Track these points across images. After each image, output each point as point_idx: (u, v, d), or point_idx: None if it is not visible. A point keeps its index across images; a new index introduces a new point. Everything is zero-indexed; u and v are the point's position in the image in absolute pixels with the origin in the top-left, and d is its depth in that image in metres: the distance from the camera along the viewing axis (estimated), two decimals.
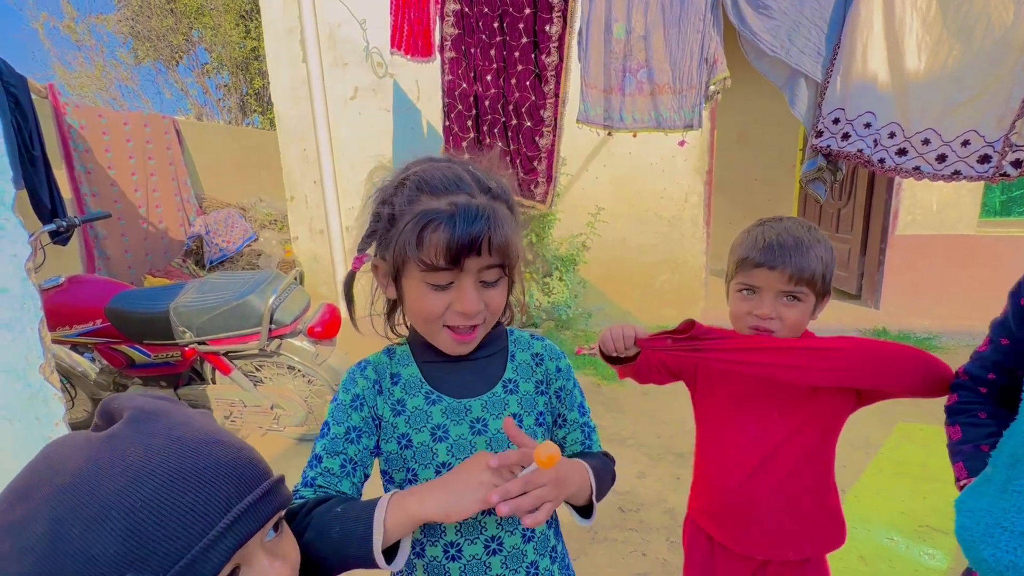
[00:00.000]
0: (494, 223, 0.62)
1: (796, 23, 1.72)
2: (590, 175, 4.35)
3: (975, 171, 1.47)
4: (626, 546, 1.86)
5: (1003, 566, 0.61)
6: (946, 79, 1.50)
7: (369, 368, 0.73)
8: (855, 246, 4.47)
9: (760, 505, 0.97)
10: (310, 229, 5.05)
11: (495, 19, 2.64)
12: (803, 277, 0.90)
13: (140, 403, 0.44)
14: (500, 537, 0.69)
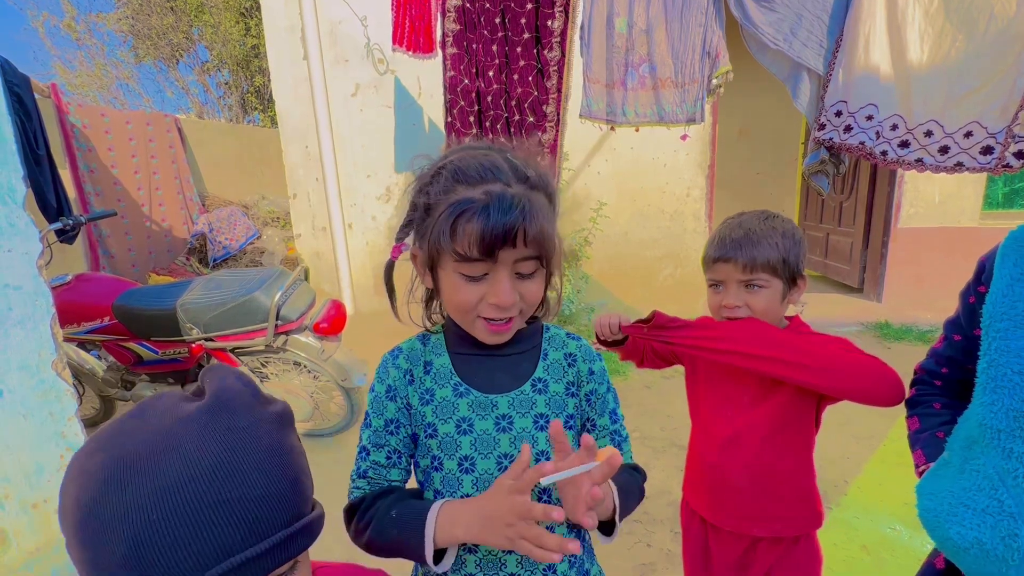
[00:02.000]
0: (530, 213, 0.61)
1: (798, 16, 1.73)
2: (592, 170, 4.36)
3: (978, 162, 1.48)
4: (631, 537, 1.88)
5: (968, 543, 0.63)
6: (949, 71, 1.50)
7: (401, 357, 0.73)
8: (857, 239, 4.47)
9: (732, 480, 1.03)
10: (313, 227, 5.06)
11: (497, 14, 2.64)
12: (757, 265, 0.97)
13: (223, 389, 0.45)
14: (519, 574, 0.69)
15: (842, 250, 4.72)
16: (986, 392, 0.66)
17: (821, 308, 4.33)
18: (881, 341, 3.80)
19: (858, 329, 3.99)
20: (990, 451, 0.64)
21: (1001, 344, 0.65)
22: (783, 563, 1.05)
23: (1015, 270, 0.66)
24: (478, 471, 0.68)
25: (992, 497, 0.63)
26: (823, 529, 1.93)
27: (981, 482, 0.64)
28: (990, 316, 0.67)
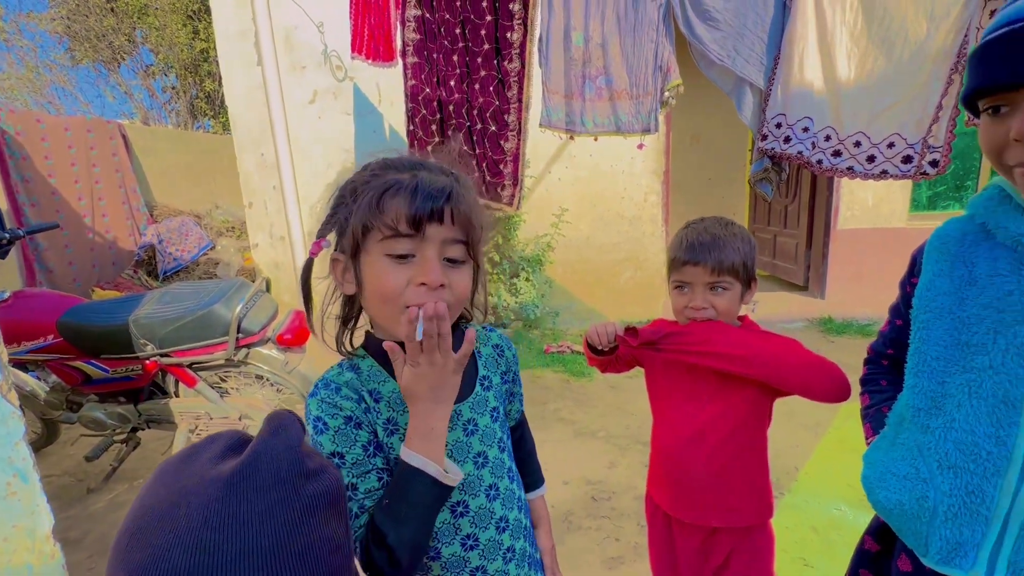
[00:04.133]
0: (457, 195, 0.63)
1: (740, 34, 1.85)
2: (553, 177, 4.45)
3: (899, 170, 1.63)
4: (600, 533, 1.94)
5: (892, 504, 0.72)
6: (872, 87, 1.65)
7: (344, 389, 0.67)
8: (801, 240, 4.75)
9: (692, 474, 1.09)
10: (270, 236, 4.93)
11: (456, 25, 2.68)
12: (724, 268, 1.03)
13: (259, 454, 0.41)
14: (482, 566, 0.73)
15: (788, 251, 5.00)
16: (910, 376, 0.75)
17: (771, 306, 4.57)
18: (825, 336, 4.06)
19: (804, 325, 4.24)
20: (912, 427, 0.73)
21: (923, 333, 0.74)
22: (740, 549, 1.12)
23: (936, 267, 0.75)
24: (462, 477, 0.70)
25: (912, 465, 0.72)
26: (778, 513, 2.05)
27: (904, 453, 0.73)
28: (916, 308, 0.76)
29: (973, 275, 0.70)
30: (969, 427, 0.66)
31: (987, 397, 0.65)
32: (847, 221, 4.29)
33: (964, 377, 0.68)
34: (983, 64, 0.62)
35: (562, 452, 2.54)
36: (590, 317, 4.50)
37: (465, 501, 0.71)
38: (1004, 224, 0.67)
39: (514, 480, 0.77)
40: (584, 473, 2.34)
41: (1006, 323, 0.65)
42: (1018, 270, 0.65)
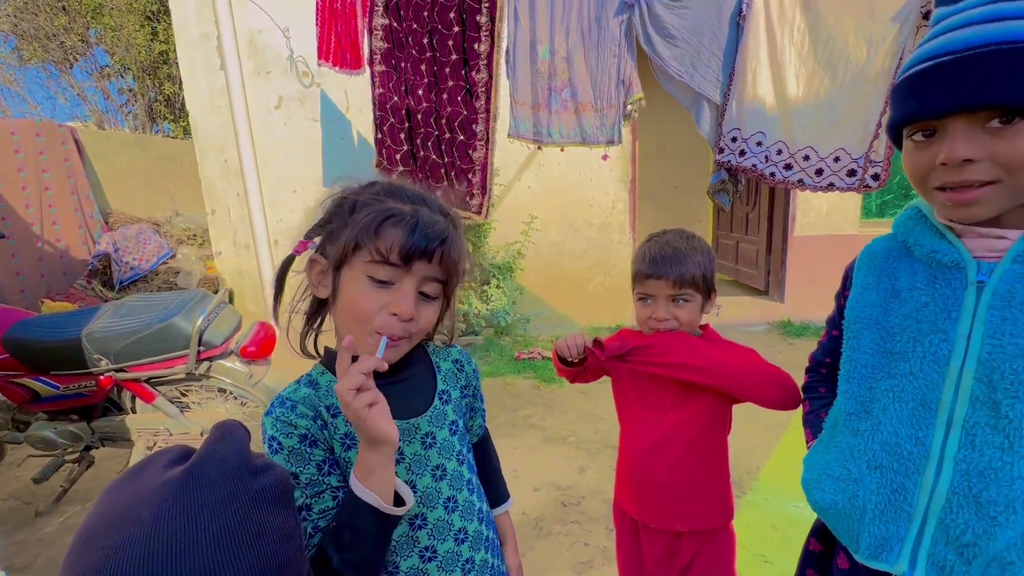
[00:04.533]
0: (450, 239, 0.67)
1: (697, 52, 1.93)
2: (523, 185, 4.50)
3: (845, 183, 1.73)
4: (569, 538, 1.97)
5: (828, 504, 0.77)
6: (819, 104, 1.75)
7: (300, 406, 0.68)
8: (762, 247, 4.93)
9: (657, 480, 1.12)
10: (234, 244, 4.80)
11: (424, 35, 2.69)
12: (685, 281, 1.07)
13: (204, 457, 0.43)
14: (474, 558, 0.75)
15: (749, 257, 5.19)
16: (843, 382, 0.80)
17: (735, 311, 4.72)
18: (785, 338, 4.22)
19: (765, 328, 4.39)
20: (845, 430, 0.78)
21: (853, 342, 0.79)
22: (704, 550, 1.16)
23: (864, 280, 0.80)
24: (419, 490, 0.72)
25: (844, 467, 0.76)
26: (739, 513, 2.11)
27: (838, 455, 0.78)
28: (847, 319, 0.81)
29: (896, 288, 0.75)
30: (893, 429, 0.71)
31: (908, 401, 0.71)
32: (803, 228, 4.49)
33: (889, 383, 0.73)
34: (913, 95, 0.67)
35: (532, 458, 2.56)
36: (561, 323, 4.56)
37: (423, 514, 0.72)
38: (921, 242, 0.73)
39: (474, 492, 0.79)
40: (554, 479, 2.37)
41: (924, 332, 0.70)
42: (932, 283, 0.71)
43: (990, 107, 0.60)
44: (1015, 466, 0.63)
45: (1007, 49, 0.59)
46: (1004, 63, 0.59)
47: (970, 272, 0.68)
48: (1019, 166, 0.61)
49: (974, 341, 0.66)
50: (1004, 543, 0.63)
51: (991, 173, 0.62)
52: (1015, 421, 0.63)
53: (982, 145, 0.61)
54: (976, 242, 0.68)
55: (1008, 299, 0.64)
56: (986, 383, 0.65)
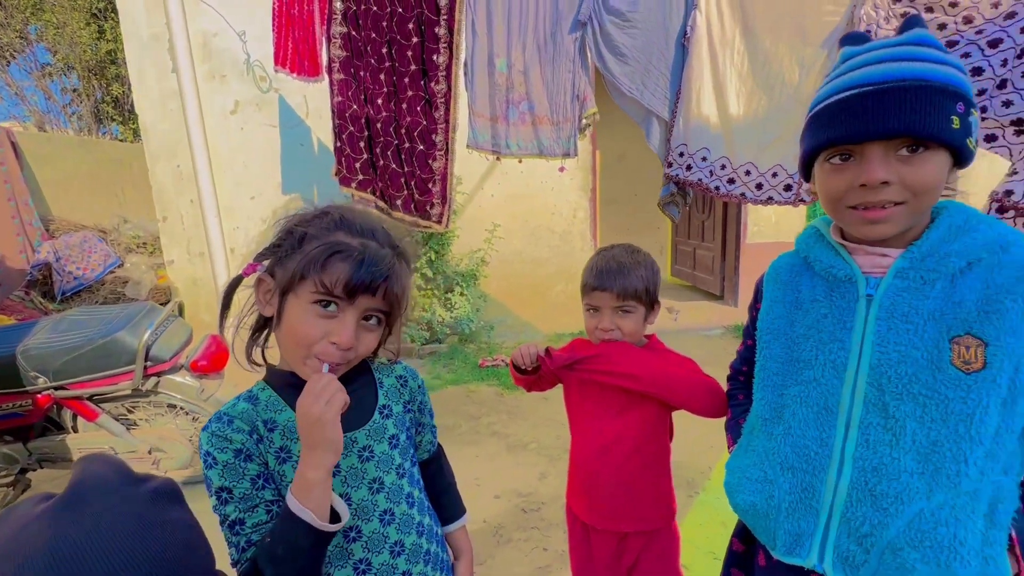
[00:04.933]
0: (394, 274, 0.69)
1: (647, 70, 2.01)
2: (485, 193, 4.53)
3: (782, 197, 1.84)
4: (529, 544, 2.00)
5: (747, 505, 0.83)
6: (758, 123, 1.86)
7: (237, 421, 0.69)
8: (717, 253, 5.13)
9: (603, 484, 1.18)
10: (188, 252, 4.64)
11: (383, 45, 2.70)
12: (628, 293, 1.12)
13: (82, 480, 0.43)
14: (402, 540, 0.77)
15: (706, 263, 5.38)
16: (757, 389, 0.86)
17: (692, 315, 4.89)
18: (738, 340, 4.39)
19: (721, 332, 4.56)
20: (760, 435, 0.84)
21: (766, 351, 0.85)
22: (649, 549, 1.22)
23: (772, 294, 0.87)
24: (355, 502, 0.73)
25: (761, 469, 0.82)
26: (692, 511, 2.19)
27: (755, 459, 0.84)
28: (759, 330, 0.87)
29: (799, 300, 0.82)
30: (801, 432, 0.78)
31: (813, 405, 0.77)
32: (754, 236, 4.70)
33: (796, 389, 0.79)
34: (831, 122, 0.72)
35: (494, 466, 2.59)
36: (524, 330, 4.61)
37: (358, 526, 0.73)
38: (819, 258, 0.80)
39: (415, 506, 0.80)
40: (515, 486, 2.39)
41: (824, 341, 0.77)
42: (829, 296, 0.78)
43: (904, 136, 0.67)
44: (901, 461, 0.70)
45: (918, 86, 0.65)
46: (916, 98, 0.65)
47: (860, 286, 0.75)
48: (922, 190, 0.68)
49: (866, 349, 0.73)
50: (895, 532, 0.70)
51: (900, 195, 0.69)
52: (900, 420, 0.70)
53: (894, 169, 0.68)
54: (865, 259, 0.76)
55: (891, 311, 0.72)
56: (876, 387, 0.72)
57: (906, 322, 0.71)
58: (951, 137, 0.66)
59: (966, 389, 0.67)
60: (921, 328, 0.70)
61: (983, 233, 0.70)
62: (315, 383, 0.64)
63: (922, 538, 0.69)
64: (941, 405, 0.68)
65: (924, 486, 0.69)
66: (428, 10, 2.51)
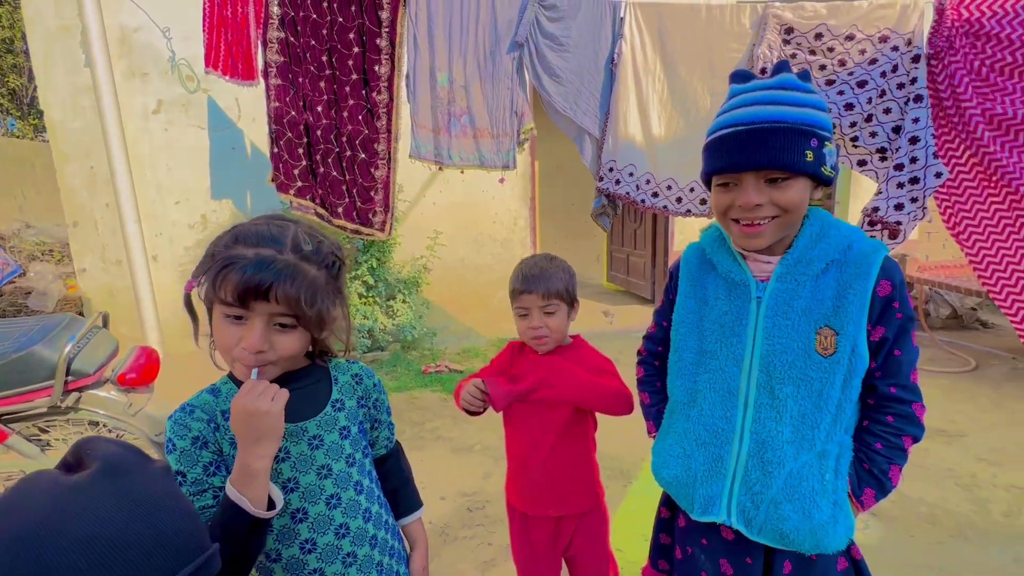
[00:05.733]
0: (288, 277, 0.71)
1: (579, 91, 2.18)
2: (428, 201, 4.58)
3: (699, 210, 2.05)
4: (474, 540, 2.07)
5: (671, 478, 0.98)
6: (677, 143, 2.06)
7: (197, 411, 0.77)
8: (648, 259, 5.47)
9: (534, 475, 1.30)
10: (103, 260, 4.32)
11: (323, 52, 2.70)
12: (552, 293, 1.24)
13: (110, 456, 0.47)
14: (347, 523, 0.83)
15: (639, 268, 5.71)
16: (676, 377, 1.01)
17: (626, 318, 5.18)
18: None
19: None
20: (679, 418, 0.99)
21: (682, 343, 0.99)
22: (581, 530, 1.36)
23: (685, 288, 1.01)
24: (303, 486, 0.80)
25: (680, 447, 0.97)
26: (626, 499, 2.35)
27: (676, 439, 0.98)
28: (675, 323, 1.01)
29: (705, 297, 0.97)
30: (711, 412, 0.93)
31: (719, 390, 0.92)
32: (681, 243, 5.06)
33: (706, 376, 0.94)
34: (717, 154, 0.87)
35: (439, 469, 2.64)
36: (467, 336, 4.68)
37: (305, 508, 0.79)
38: (722, 262, 0.95)
39: (363, 493, 0.86)
40: (460, 487, 2.46)
41: (726, 335, 0.92)
42: (729, 295, 0.94)
43: (767, 168, 0.82)
44: (782, 433, 0.86)
45: (778, 128, 0.81)
46: (776, 138, 0.81)
47: (752, 289, 0.91)
48: (788, 208, 0.84)
49: (757, 342, 0.89)
50: (775, 490, 0.86)
51: (772, 211, 0.85)
52: (783, 400, 0.86)
53: (765, 193, 0.84)
54: (755, 265, 0.92)
55: (775, 309, 0.88)
56: (766, 373, 0.88)
57: (785, 318, 0.87)
58: (805, 168, 0.82)
59: (824, 370, 0.84)
60: (796, 322, 0.86)
61: (833, 237, 0.87)
62: (254, 386, 0.71)
63: (792, 493, 0.85)
64: (808, 384, 0.85)
65: (793, 451, 0.86)
66: (370, 22, 2.56)
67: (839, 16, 1.79)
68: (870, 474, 0.87)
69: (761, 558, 0.91)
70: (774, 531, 0.86)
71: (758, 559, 0.91)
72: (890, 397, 0.86)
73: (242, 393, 0.71)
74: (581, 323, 5.04)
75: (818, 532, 0.85)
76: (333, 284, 0.80)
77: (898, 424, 0.86)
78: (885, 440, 0.87)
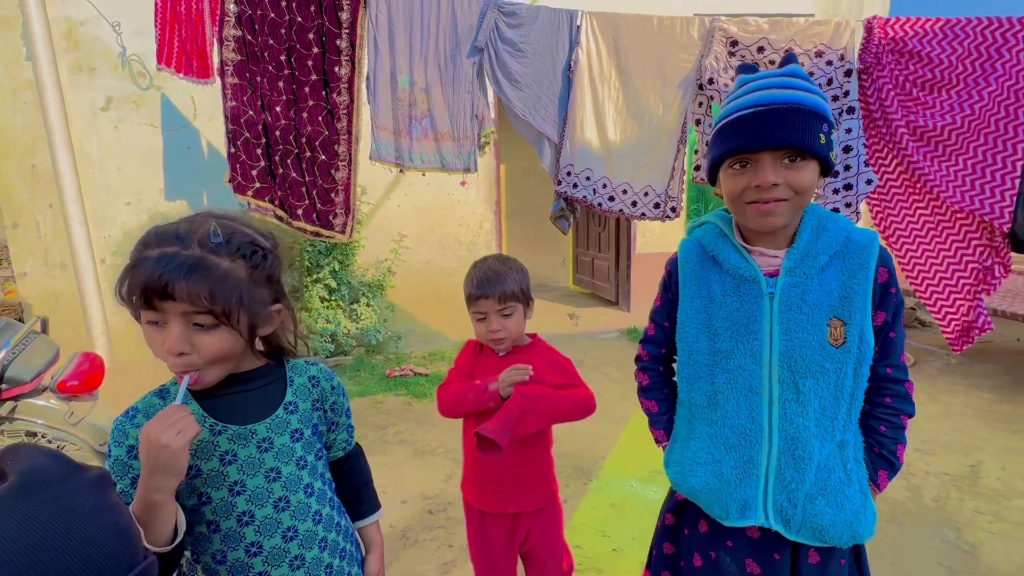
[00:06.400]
0: (189, 272, 0.68)
1: (538, 96, 2.22)
2: (392, 203, 4.55)
3: (653, 213, 2.12)
4: (435, 543, 2.07)
5: (701, 486, 0.94)
6: (632, 148, 2.13)
7: (139, 415, 0.75)
8: (611, 263, 5.58)
9: (489, 474, 1.33)
10: (46, 263, 4.11)
11: (281, 52, 2.66)
12: (507, 295, 1.26)
13: (32, 468, 0.44)
14: (295, 526, 0.82)
15: (603, 271, 5.82)
16: (691, 381, 0.97)
17: (591, 320, 5.26)
18: (631, 343, 4.81)
19: (616, 335, 4.96)
20: (701, 422, 0.96)
21: (694, 345, 0.95)
22: (536, 525, 1.38)
23: (688, 288, 0.97)
24: (249, 489, 0.78)
25: (708, 452, 0.94)
26: (586, 497, 2.39)
27: (701, 444, 0.95)
28: (682, 325, 0.97)
29: (711, 295, 0.93)
30: (735, 414, 0.90)
31: (741, 389, 0.89)
32: (643, 247, 5.19)
33: (725, 376, 0.91)
34: (734, 134, 0.84)
35: (402, 473, 2.62)
36: (434, 339, 4.66)
37: (251, 511, 0.78)
38: (727, 258, 0.91)
39: (313, 495, 0.85)
40: (422, 490, 2.45)
41: (741, 333, 0.89)
42: (738, 292, 0.90)
43: (786, 148, 0.81)
44: (809, 428, 0.87)
45: (796, 109, 0.81)
46: (794, 118, 0.81)
47: (763, 285, 0.89)
48: (802, 189, 0.83)
49: (775, 338, 0.88)
50: (808, 485, 0.87)
51: (786, 193, 0.83)
52: (806, 394, 0.86)
53: (781, 174, 0.82)
54: (761, 259, 0.90)
55: (789, 304, 0.87)
56: (787, 368, 0.87)
57: (800, 312, 0.86)
58: (820, 150, 0.81)
59: (838, 361, 0.85)
60: (810, 316, 0.86)
61: (832, 230, 0.88)
62: (166, 415, 0.68)
63: (823, 486, 0.86)
64: (826, 376, 0.86)
65: (818, 444, 0.87)
66: (329, 22, 2.54)
67: (779, 31, 1.90)
68: (881, 457, 0.90)
69: (789, 553, 0.91)
70: (813, 528, 0.86)
71: (786, 555, 0.91)
72: (886, 378, 0.89)
73: (153, 420, 0.68)
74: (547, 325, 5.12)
75: (853, 523, 0.85)
76: (259, 275, 0.77)
77: (896, 404, 0.90)
78: (888, 422, 0.89)
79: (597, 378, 3.85)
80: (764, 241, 0.91)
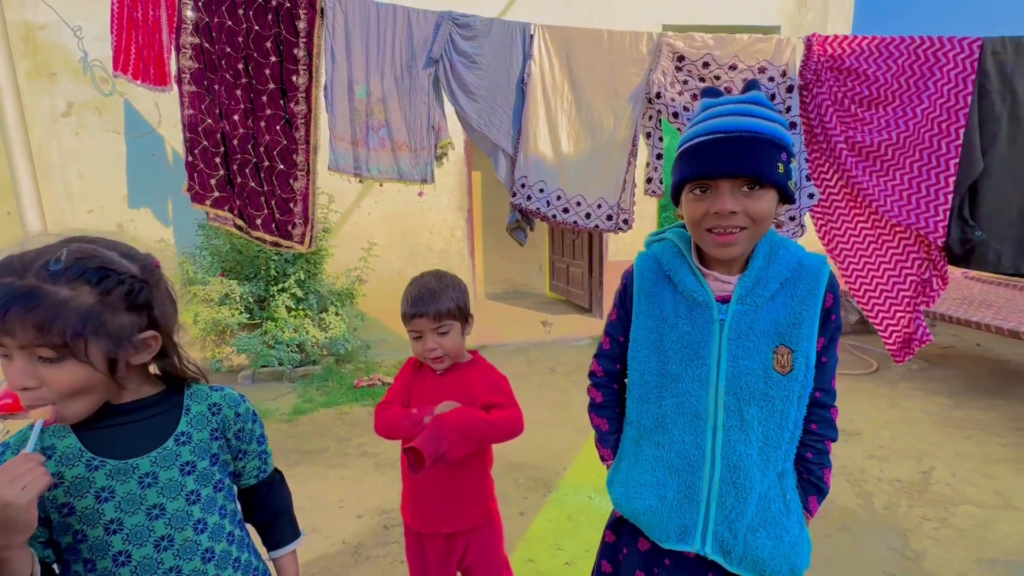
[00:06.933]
0: (19, 305, 0.65)
1: (493, 108, 2.22)
2: (363, 211, 4.52)
3: (606, 225, 2.13)
4: (387, 559, 2.04)
5: (645, 508, 0.94)
6: (585, 161, 2.14)
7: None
8: (585, 270, 5.60)
9: (425, 495, 1.31)
10: None
11: (239, 60, 2.64)
12: (442, 313, 1.24)
13: None
14: (171, 535, 0.77)
15: (577, 278, 5.84)
16: (640, 402, 0.95)
17: (565, 326, 5.27)
18: None
19: (589, 341, 4.98)
20: (648, 444, 0.95)
21: (644, 366, 0.94)
22: (473, 544, 1.36)
23: (641, 305, 0.95)
24: (127, 528, 0.75)
25: (653, 475, 0.93)
26: (544, 509, 2.38)
27: (646, 466, 0.95)
28: (634, 343, 0.96)
29: (664, 314, 0.92)
30: (681, 438, 0.90)
31: (688, 414, 0.89)
32: (615, 254, 5.22)
33: (673, 400, 0.91)
34: (693, 159, 0.84)
35: (360, 487, 2.59)
36: (404, 348, 4.62)
37: (128, 551, 0.74)
38: (683, 280, 0.91)
39: (205, 532, 0.81)
40: (380, 503, 2.42)
41: (690, 357, 0.89)
42: (690, 315, 0.90)
43: (744, 176, 0.81)
44: (751, 457, 0.86)
45: (754, 137, 0.80)
46: (752, 147, 0.80)
47: (714, 312, 0.89)
48: (760, 218, 0.83)
49: (723, 365, 0.87)
50: (750, 516, 0.86)
51: (744, 221, 0.82)
52: (750, 421, 0.86)
53: (739, 202, 0.81)
54: (715, 284, 0.90)
55: (738, 331, 0.87)
56: (733, 395, 0.87)
57: (747, 340, 0.86)
58: (777, 179, 0.82)
59: (784, 388, 0.85)
60: (757, 343, 0.86)
61: (783, 257, 0.88)
62: (14, 465, 0.63)
63: (764, 517, 0.86)
64: (770, 404, 0.86)
65: (760, 473, 0.87)
66: (287, 31, 2.52)
67: (724, 47, 1.93)
68: (810, 483, 0.90)
69: (723, 574, 0.91)
70: (753, 560, 0.86)
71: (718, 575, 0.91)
72: (815, 402, 0.89)
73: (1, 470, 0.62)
74: (521, 332, 5.11)
75: (791, 555, 0.85)
76: (114, 302, 0.72)
77: (821, 431, 0.90)
78: (814, 448, 0.90)
79: (568, 386, 3.85)
80: (719, 266, 0.91)
